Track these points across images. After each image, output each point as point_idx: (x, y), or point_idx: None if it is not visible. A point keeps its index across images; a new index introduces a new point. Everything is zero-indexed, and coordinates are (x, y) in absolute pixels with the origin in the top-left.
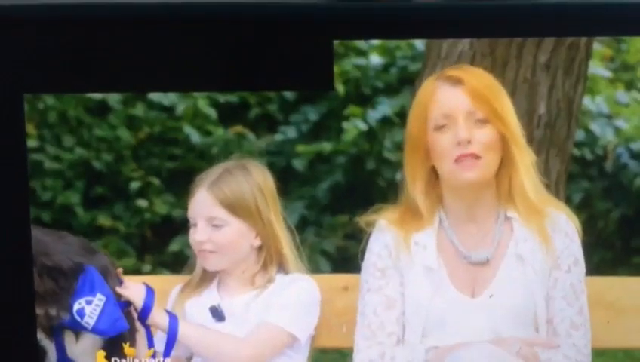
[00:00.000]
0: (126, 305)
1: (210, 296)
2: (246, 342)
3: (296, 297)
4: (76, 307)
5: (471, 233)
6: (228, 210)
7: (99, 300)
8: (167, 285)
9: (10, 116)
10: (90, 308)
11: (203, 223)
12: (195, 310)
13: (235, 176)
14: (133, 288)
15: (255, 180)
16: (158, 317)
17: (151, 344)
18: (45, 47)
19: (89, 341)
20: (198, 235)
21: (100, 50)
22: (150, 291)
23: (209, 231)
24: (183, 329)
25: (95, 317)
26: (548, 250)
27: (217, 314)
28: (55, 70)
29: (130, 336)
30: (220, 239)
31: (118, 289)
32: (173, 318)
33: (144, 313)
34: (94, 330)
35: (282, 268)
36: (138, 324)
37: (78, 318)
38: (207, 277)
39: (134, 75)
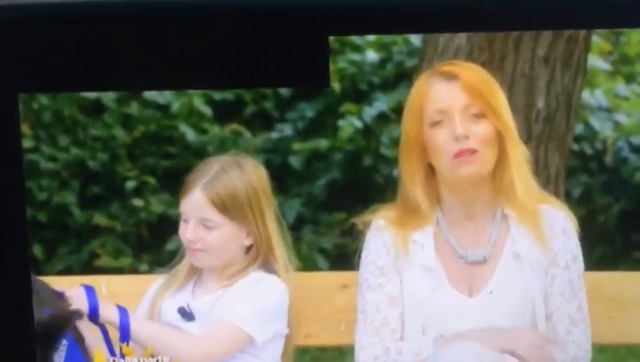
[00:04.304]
0: (76, 316)
1: (185, 295)
2: (200, 340)
3: (257, 297)
4: None
5: (468, 231)
6: (221, 212)
7: (63, 346)
8: None
9: (6, 116)
10: (57, 355)
11: (195, 223)
12: (169, 308)
13: (229, 175)
14: (72, 295)
15: (249, 179)
16: (108, 313)
17: (110, 348)
18: (39, 47)
19: None
20: (190, 234)
21: (94, 48)
22: (90, 290)
23: (201, 231)
24: (135, 324)
25: None
26: (544, 247)
27: (186, 314)
28: (50, 69)
29: None
30: (211, 240)
31: (61, 303)
32: (123, 312)
33: (92, 313)
34: None
35: (267, 266)
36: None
37: None
38: (189, 275)
39: (129, 73)
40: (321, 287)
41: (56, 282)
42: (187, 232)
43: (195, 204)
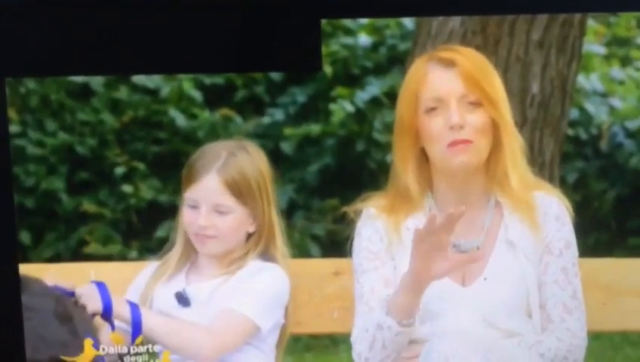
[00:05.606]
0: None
1: (178, 282)
2: (211, 332)
3: (263, 286)
4: None
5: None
6: (235, 197)
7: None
8: None
9: None
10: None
11: (208, 208)
12: (162, 294)
13: (239, 159)
14: (85, 294)
15: (256, 163)
16: (120, 310)
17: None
18: (27, 30)
19: None
20: (202, 220)
21: (82, 31)
22: (102, 287)
23: (213, 216)
24: (146, 319)
25: None
26: (537, 235)
27: (183, 299)
28: (37, 53)
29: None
30: (224, 225)
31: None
32: (134, 307)
33: (106, 311)
34: None
35: (267, 253)
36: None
37: None
38: (180, 263)
39: (117, 57)
40: (313, 275)
41: (44, 270)
42: (199, 219)
43: (210, 189)
